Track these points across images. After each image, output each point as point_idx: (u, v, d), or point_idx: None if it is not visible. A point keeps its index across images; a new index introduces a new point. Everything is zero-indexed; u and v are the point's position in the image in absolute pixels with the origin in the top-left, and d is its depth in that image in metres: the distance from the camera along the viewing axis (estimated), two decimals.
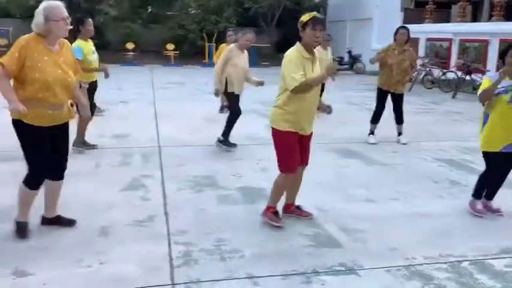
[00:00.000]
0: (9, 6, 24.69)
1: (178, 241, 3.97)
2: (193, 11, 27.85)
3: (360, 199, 5.19)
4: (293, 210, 4.61)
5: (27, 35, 3.69)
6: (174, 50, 23.46)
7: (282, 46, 8.43)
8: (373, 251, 3.96)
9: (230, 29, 10.85)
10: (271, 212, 4.40)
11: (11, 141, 4.11)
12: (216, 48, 23.73)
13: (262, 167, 6.20)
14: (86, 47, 6.52)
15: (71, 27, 3.81)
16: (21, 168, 3.94)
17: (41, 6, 3.65)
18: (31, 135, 3.72)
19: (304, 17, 4.09)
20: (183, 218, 4.46)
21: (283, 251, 3.89)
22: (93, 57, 6.64)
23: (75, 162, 6.05)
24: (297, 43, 4.16)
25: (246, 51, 7.05)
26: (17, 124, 3.71)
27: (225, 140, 7.03)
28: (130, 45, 22.59)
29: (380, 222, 4.54)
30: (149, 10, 28.13)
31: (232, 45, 7.16)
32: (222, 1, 26.10)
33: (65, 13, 3.68)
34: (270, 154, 6.93)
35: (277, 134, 4.30)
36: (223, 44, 10.18)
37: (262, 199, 5.00)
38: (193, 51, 25.03)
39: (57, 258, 3.60)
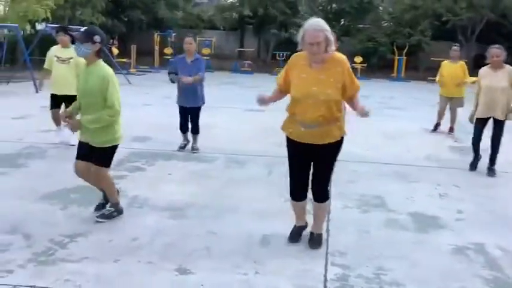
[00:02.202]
0: (215, 19, 27.22)
1: (336, 262, 3.78)
2: (385, 24, 27.28)
3: None
4: None
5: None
6: (361, 62, 23.20)
7: (481, 62, 7.66)
8: None
9: (456, 44, 10.21)
10: None
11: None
12: (407, 62, 23.26)
13: (440, 193, 5.65)
14: None
15: None
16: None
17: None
18: None
19: None
20: (344, 238, 4.26)
21: None
22: None
23: (248, 169, 6.35)
24: None
25: (506, 68, 6.33)
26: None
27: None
28: None
29: None
30: (342, 23, 28.35)
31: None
32: (418, 14, 24.98)
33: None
34: (453, 180, 6.39)
35: None
36: (445, 62, 9.62)
37: (435, 229, 4.54)
38: (382, 65, 24.44)
39: (218, 261, 3.71)
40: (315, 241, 4.02)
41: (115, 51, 20.55)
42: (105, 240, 3.97)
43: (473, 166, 6.73)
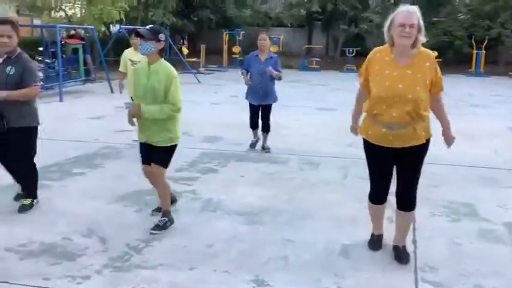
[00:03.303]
0: (282, 17, 27.00)
1: (427, 278, 3.44)
2: (462, 16, 25.90)
3: None
4: None
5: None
6: (436, 57, 22.05)
7: None
8: None
9: None
10: None
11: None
12: (486, 56, 21.92)
13: None
14: None
15: None
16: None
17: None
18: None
19: None
20: (434, 251, 3.90)
21: None
22: None
23: (322, 171, 6.08)
24: None
25: None
26: None
27: None
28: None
29: None
30: None
31: None
32: (499, 5, 23.46)
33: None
34: None
35: None
36: None
37: None
38: (458, 59, 23.17)
39: (297, 273, 3.49)
40: (403, 256, 3.67)
41: (185, 50, 20.83)
42: (179, 246, 3.86)
43: None
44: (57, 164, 6.06)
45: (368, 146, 3.57)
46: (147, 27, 4.06)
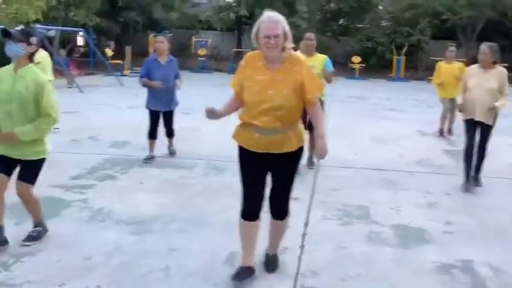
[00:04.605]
0: (212, 20, 26.86)
1: (307, 285, 3.42)
2: (384, 23, 26.90)
3: None
4: None
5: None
6: (360, 62, 22.82)
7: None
8: None
9: (452, 44, 9.84)
10: None
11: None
12: (406, 62, 22.85)
13: (429, 202, 5.30)
14: None
15: None
16: None
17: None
18: None
19: None
20: (319, 255, 3.90)
21: None
22: None
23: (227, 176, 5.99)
24: None
25: (499, 69, 5.74)
26: None
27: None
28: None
29: None
30: (340, 22, 27.98)
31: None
32: (418, 12, 24.57)
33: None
34: (445, 186, 6.01)
35: None
36: (441, 62, 9.26)
37: (420, 243, 4.19)
38: (381, 65, 24.03)
39: (176, 284, 3.36)
40: (270, 264, 3.58)
41: (109, 52, 20.24)
42: (54, 260, 3.62)
43: (466, 186, 5.74)
44: None
45: (242, 153, 3.41)
46: (18, 28, 3.78)
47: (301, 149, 3.39)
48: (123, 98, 12.76)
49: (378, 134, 9.07)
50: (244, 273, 3.42)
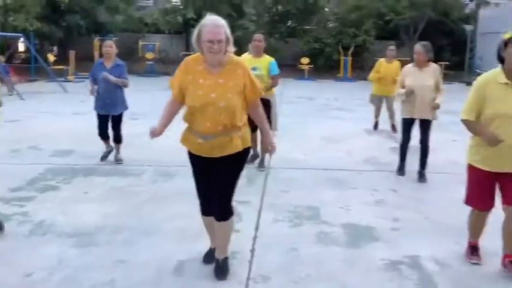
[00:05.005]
0: (158, 23, 26.47)
1: None
2: (331, 25, 27.35)
3: None
4: (505, 263, 3.68)
5: None
6: (308, 63, 23.10)
7: None
8: None
9: (392, 43, 10.08)
10: (468, 246, 3.94)
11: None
12: (353, 62, 23.32)
13: (376, 200, 5.38)
14: None
15: None
16: None
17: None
18: None
19: (508, 34, 3.36)
20: (270, 258, 3.86)
21: None
22: None
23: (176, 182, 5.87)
24: (499, 66, 3.51)
25: (433, 66, 5.99)
26: None
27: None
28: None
29: None
30: (288, 24, 28.23)
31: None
32: (362, 14, 25.16)
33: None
34: (391, 183, 6.13)
35: (467, 168, 3.79)
36: (381, 60, 9.45)
37: (369, 241, 4.23)
38: (329, 65, 24.42)
39: None
40: (219, 271, 3.52)
41: (51, 58, 19.57)
42: None
43: (402, 171, 6.36)
44: None
45: (190, 157, 3.46)
46: None
47: (246, 150, 3.38)
48: (67, 105, 12.34)
49: (326, 134, 9.17)
50: (213, 252, 3.68)
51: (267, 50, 6.55)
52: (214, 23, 3.07)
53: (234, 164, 3.36)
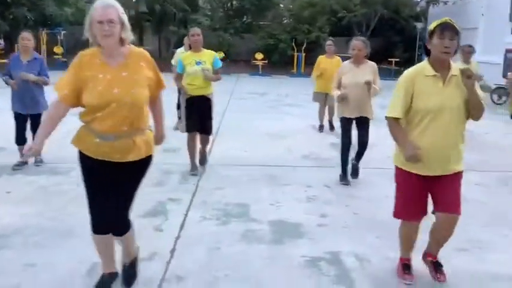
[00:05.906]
0: None
1: None
2: (285, 21, 27.49)
3: None
4: (425, 260, 3.63)
5: None
6: (262, 59, 23.11)
7: (377, 56, 7.52)
8: None
9: (330, 38, 9.99)
10: (400, 263, 3.64)
11: None
12: (306, 58, 23.47)
13: (309, 196, 5.38)
14: None
15: None
16: None
17: None
18: None
19: (432, 25, 3.22)
20: (189, 258, 3.78)
21: None
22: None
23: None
24: (426, 59, 3.36)
25: (370, 63, 5.87)
26: None
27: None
28: (219, 55, 22.65)
29: None
30: (243, 20, 28.17)
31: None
32: (316, 11, 25.38)
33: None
34: (326, 179, 6.14)
35: (395, 172, 3.52)
36: (321, 56, 9.40)
37: (293, 238, 4.23)
38: (283, 61, 24.53)
39: None
40: (128, 274, 3.33)
41: None
42: None
43: (346, 180, 5.92)
44: None
45: (83, 161, 3.04)
46: None
47: (149, 157, 3.12)
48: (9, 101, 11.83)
49: (273, 129, 9.15)
50: (106, 279, 3.24)
51: (222, 45, 6.41)
52: (103, 4, 2.82)
53: (136, 172, 3.07)
